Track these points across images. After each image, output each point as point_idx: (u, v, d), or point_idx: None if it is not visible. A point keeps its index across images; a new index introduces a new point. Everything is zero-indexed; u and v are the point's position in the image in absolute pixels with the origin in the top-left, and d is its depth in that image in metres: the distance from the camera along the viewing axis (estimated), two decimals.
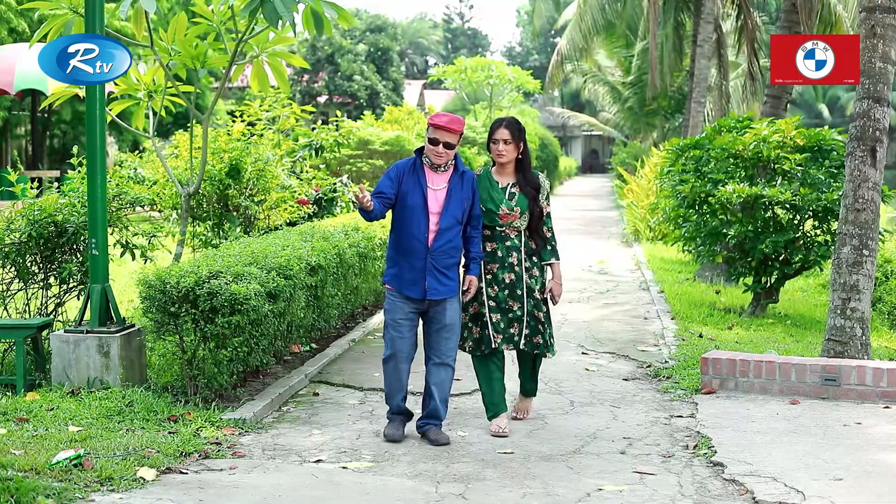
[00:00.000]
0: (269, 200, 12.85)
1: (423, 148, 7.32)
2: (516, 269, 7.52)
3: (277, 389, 8.51)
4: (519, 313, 7.51)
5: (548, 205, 7.69)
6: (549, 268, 7.71)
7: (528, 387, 7.97)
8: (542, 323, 7.56)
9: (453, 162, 7.35)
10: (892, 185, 12.44)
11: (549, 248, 7.67)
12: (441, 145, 7.18)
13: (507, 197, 7.52)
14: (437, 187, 7.26)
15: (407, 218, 7.22)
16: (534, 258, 7.61)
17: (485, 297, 7.52)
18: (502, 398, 7.64)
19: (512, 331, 7.51)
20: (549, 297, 7.66)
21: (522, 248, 7.57)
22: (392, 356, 7.33)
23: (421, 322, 7.44)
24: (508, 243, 7.53)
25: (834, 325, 9.15)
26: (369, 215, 7.18)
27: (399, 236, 7.29)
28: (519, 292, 7.51)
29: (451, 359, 7.39)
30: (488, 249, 7.54)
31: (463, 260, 7.51)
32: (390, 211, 7.37)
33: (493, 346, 7.48)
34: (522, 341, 7.52)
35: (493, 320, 7.50)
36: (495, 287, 7.52)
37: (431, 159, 7.24)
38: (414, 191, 7.22)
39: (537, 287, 7.57)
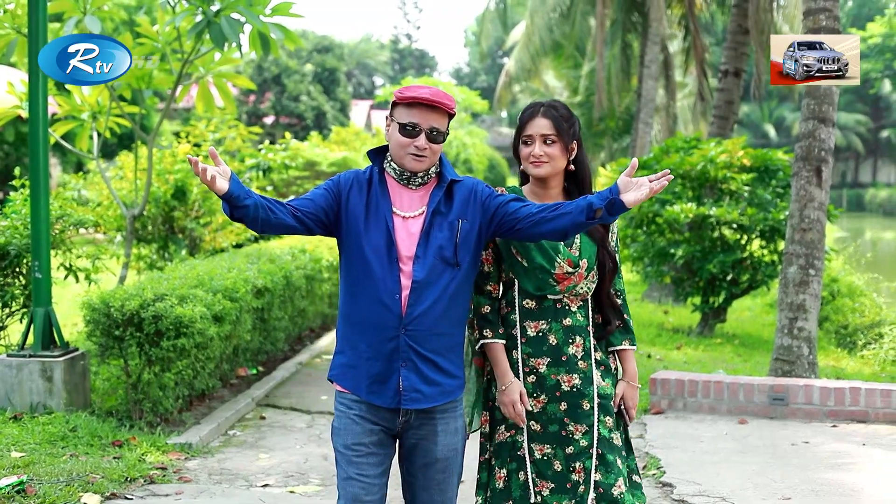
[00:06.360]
0: (215, 222, 12.76)
1: (381, 149, 4.19)
2: (580, 365, 4.29)
3: (224, 413, 8.42)
4: (585, 444, 4.26)
5: (617, 251, 4.51)
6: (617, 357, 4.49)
7: None
8: (620, 454, 4.33)
9: (438, 169, 4.15)
10: (837, 205, 12.56)
11: (618, 324, 4.44)
12: (423, 135, 3.99)
13: (562, 243, 4.30)
14: (409, 213, 4.06)
15: (361, 267, 4.02)
16: (604, 344, 4.43)
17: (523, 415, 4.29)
18: None
19: (574, 476, 4.24)
20: (622, 409, 4.41)
21: (590, 329, 4.36)
22: None
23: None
24: (568, 321, 4.30)
25: (781, 344, 9.20)
26: (241, 215, 3.83)
27: (352, 299, 4.08)
28: (587, 406, 4.27)
29: None
30: (531, 333, 4.28)
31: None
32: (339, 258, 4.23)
33: (536, 500, 4.28)
34: (592, 491, 4.23)
35: (537, 456, 4.28)
36: (542, 396, 4.28)
37: (404, 164, 4.04)
38: (371, 220, 4.04)
39: (613, 393, 4.37)
